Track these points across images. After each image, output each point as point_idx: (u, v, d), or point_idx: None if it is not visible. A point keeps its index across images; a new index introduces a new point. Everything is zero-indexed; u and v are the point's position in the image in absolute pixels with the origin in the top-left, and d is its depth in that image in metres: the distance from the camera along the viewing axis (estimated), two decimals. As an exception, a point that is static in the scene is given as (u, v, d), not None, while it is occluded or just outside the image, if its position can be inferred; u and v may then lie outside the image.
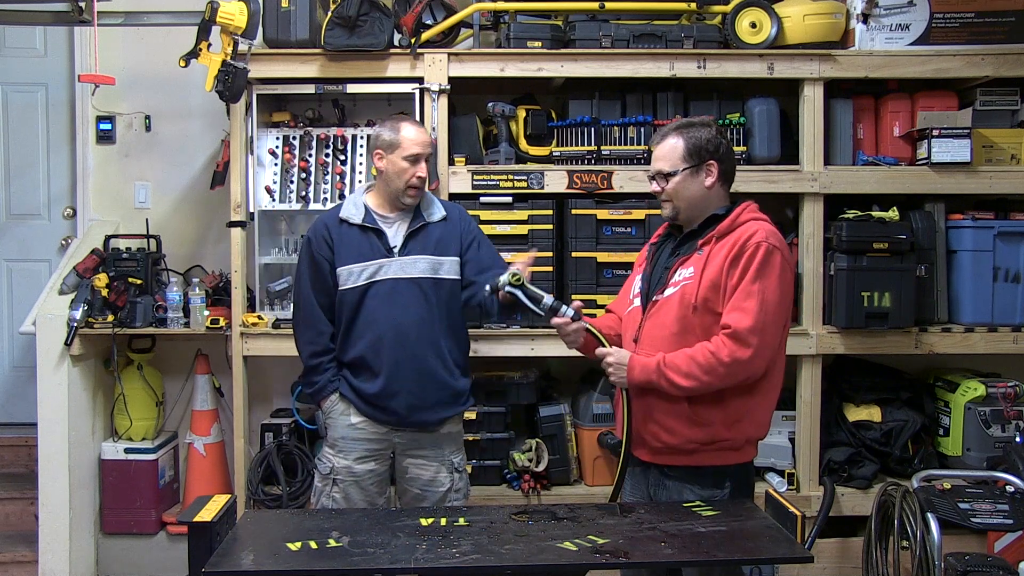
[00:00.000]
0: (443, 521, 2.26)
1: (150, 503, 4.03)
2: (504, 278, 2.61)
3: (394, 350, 2.85)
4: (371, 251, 2.89)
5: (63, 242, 4.41)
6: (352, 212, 2.93)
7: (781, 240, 2.43)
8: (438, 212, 2.97)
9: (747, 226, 2.43)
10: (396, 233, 2.92)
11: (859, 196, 3.73)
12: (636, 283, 2.62)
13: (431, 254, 2.91)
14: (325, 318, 2.93)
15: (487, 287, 2.68)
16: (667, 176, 2.49)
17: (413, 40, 3.68)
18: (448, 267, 2.93)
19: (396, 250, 2.89)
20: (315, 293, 2.93)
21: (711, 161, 2.48)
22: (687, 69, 3.69)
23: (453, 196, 3.69)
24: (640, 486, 2.55)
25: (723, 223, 2.45)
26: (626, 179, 3.68)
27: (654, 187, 2.54)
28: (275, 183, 3.79)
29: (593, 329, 2.55)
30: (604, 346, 2.52)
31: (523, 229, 3.72)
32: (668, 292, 2.45)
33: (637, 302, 2.56)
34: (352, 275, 2.88)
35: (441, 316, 2.91)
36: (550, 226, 3.72)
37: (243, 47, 3.44)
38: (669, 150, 2.50)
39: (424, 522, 2.26)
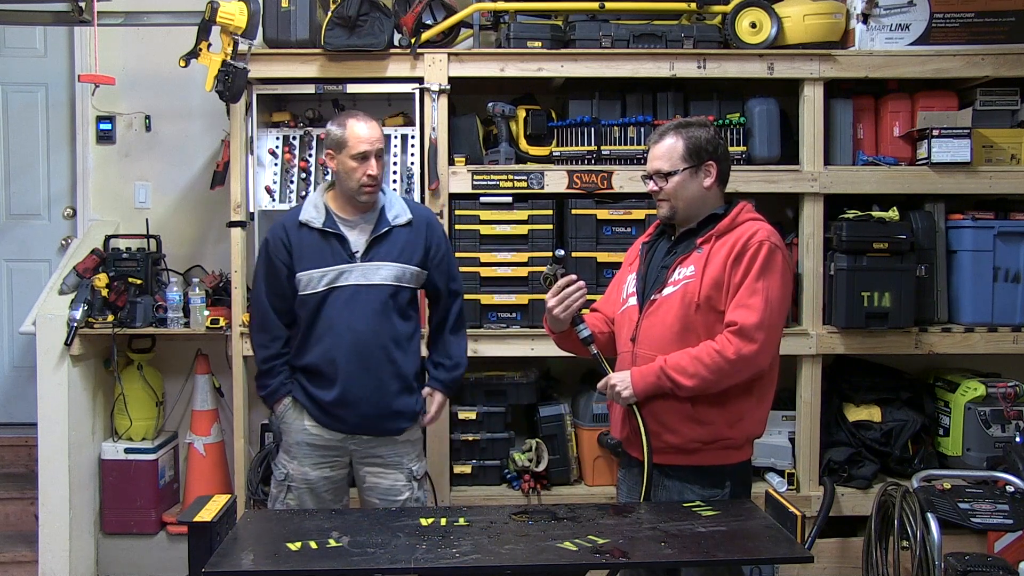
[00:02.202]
0: (443, 521, 2.26)
1: (150, 503, 4.03)
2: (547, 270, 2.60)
3: (351, 359, 2.78)
4: (332, 256, 2.80)
5: (63, 242, 4.41)
6: (313, 215, 2.83)
7: (780, 240, 2.45)
8: (403, 215, 2.87)
9: (747, 225, 2.44)
10: (358, 238, 2.82)
11: (859, 196, 3.73)
12: (630, 282, 2.61)
13: (395, 261, 2.83)
14: (280, 323, 2.86)
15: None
16: (666, 176, 2.49)
17: (413, 40, 3.68)
18: (411, 276, 2.86)
19: (358, 256, 2.80)
20: (270, 297, 2.85)
21: (710, 161, 2.48)
22: (687, 69, 3.69)
23: (453, 196, 3.69)
24: (639, 486, 2.54)
25: (723, 222, 2.45)
26: (626, 179, 3.68)
27: (651, 187, 2.54)
28: (275, 183, 3.79)
29: (600, 356, 2.55)
30: (607, 371, 2.52)
31: (523, 229, 3.72)
32: (668, 291, 2.45)
33: (633, 301, 2.55)
34: (312, 281, 2.80)
35: (398, 325, 2.83)
36: (550, 226, 3.72)
37: (243, 47, 3.44)
38: (668, 150, 2.49)
39: (424, 522, 2.26)
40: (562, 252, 2.59)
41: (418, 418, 2.94)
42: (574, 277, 2.53)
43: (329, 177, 2.97)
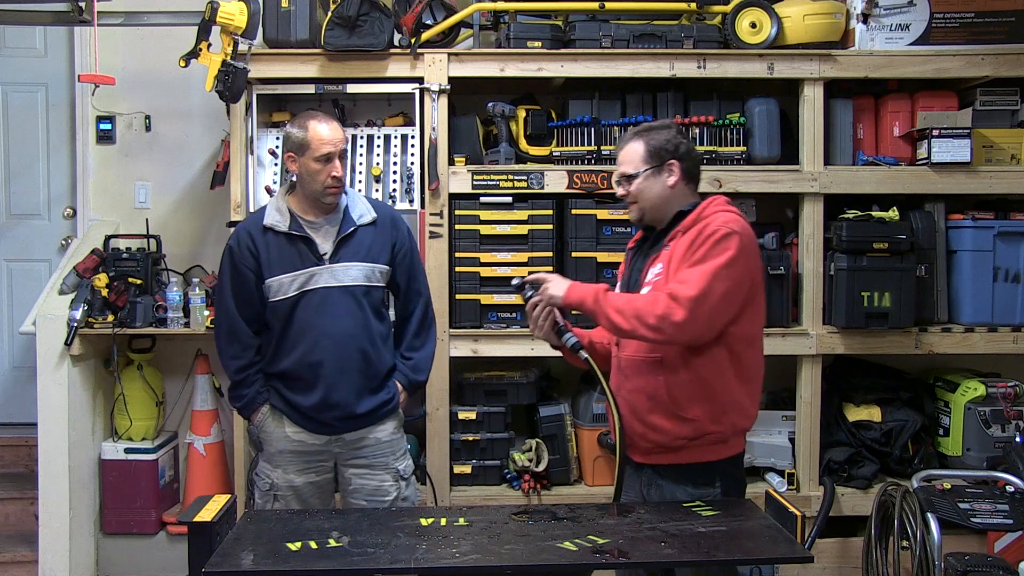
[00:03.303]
0: (443, 521, 2.26)
1: (150, 503, 4.03)
2: (515, 282, 2.60)
3: (329, 363, 2.74)
4: (300, 260, 2.74)
5: (63, 242, 4.41)
6: (277, 219, 2.77)
7: (745, 227, 2.41)
8: (367, 214, 2.83)
9: (711, 217, 2.43)
10: (325, 239, 2.77)
11: (859, 196, 3.73)
12: (617, 288, 2.65)
13: (363, 260, 2.79)
14: (249, 330, 2.80)
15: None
16: (630, 178, 2.53)
17: (413, 40, 3.68)
18: (380, 275, 2.84)
19: (327, 257, 2.76)
20: (238, 306, 2.79)
21: (672, 161, 2.50)
22: (687, 69, 3.69)
23: (453, 196, 3.70)
24: (634, 486, 2.56)
25: (688, 218, 2.46)
26: (626, 179, 3.68)
27: (620, 191, 2.58)
28: (275, 183, 3.79)
29: (592, 362, 2.55)
30: (599, 378, 2.53)
31: (523, 229, 3.72)
32: (643, 292, 2.47)
33: None
34: (282, 286, 2.74)
35: (372, 324, 2.81)
36: (550, 226, 3.72)
37: (243, 47, 3.44)
38: (631, 153, 2.53)
39: (424, 522, 2.26)
40: (517, 280, 2.60)
41: (395, 404, 2.90)
42: (537, 298, 2.53)
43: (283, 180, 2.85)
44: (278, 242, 2.77)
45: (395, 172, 3.75)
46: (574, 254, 3.70)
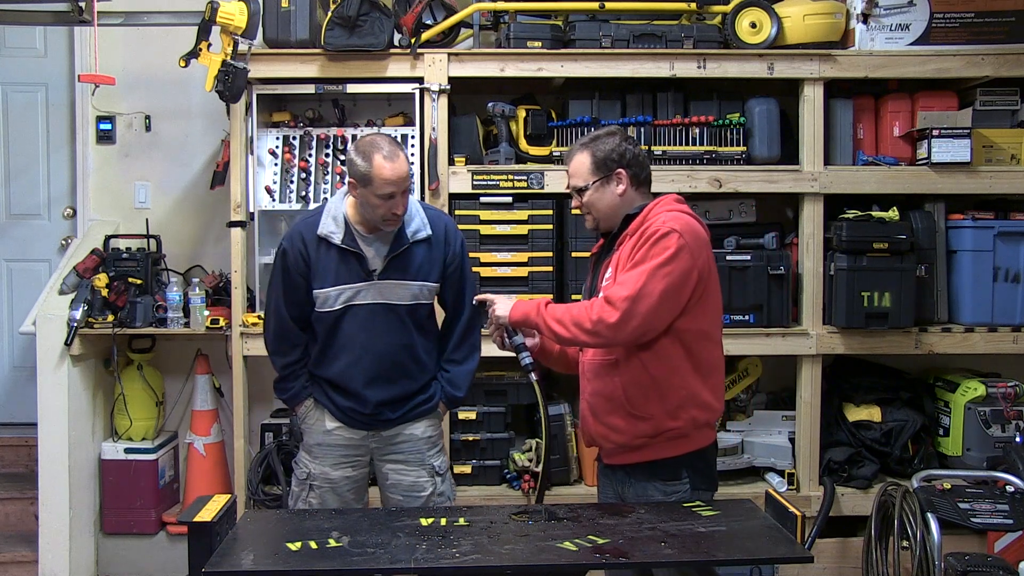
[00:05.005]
0: (443, 521, 2.27)
1: (150, 503, 4.03)
2: (474, 302, 2.73)
3: (371, 377, 2.78)
4: (348, 274, 2.73)
5: (63, 242, 4.41)
6: (332, 229, 2.74)
7: (688, 225, 2.40)
8: (423, 230, 2.78)
9: (654, 218, 2.44)
10: (376, 255, 2.75)
11: (859, 196, 3.73)
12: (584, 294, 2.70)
13: (412, 279, 2.78)
14: (297, 329, 2.83)
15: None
16: (581, 191, 2.55)
17: (413, 40, 3.68)
18: (428, 292, 2.83)
19: (376, 274, 2.74)
20: (288, 307, 2.81)
21: (619, 170, 2.51)
22: (687, 69, 3.69)
23: (453, 196, 3.70)
24: (608, 487, 2.59)
25: (635, 221, 2.47)
26: (626, 179, 3.68)
27: (573, 203, 2.61)
28: (275, 183, 3.79)
29: (537, 387, 2.63)
30: (539, 401, 2.64)
31: (523, 229, 3.72)
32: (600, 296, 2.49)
33: None
34: (329, 299, 2.75)
35: (416, 341, 2.82)
36: (550, 226, 3.72)
37: (243, 47, 3.44)
38: (579, 166, 2.55)
39: (424, 522, 2.27)
40: (475, 301, 2.74)
41: (433, 404, 2.93)
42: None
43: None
44: (329, 254, 2.75)
45: (395, 172, 3.75)
46: (574, 254, 3.70)
